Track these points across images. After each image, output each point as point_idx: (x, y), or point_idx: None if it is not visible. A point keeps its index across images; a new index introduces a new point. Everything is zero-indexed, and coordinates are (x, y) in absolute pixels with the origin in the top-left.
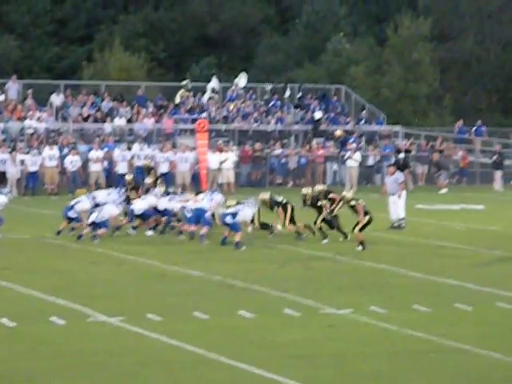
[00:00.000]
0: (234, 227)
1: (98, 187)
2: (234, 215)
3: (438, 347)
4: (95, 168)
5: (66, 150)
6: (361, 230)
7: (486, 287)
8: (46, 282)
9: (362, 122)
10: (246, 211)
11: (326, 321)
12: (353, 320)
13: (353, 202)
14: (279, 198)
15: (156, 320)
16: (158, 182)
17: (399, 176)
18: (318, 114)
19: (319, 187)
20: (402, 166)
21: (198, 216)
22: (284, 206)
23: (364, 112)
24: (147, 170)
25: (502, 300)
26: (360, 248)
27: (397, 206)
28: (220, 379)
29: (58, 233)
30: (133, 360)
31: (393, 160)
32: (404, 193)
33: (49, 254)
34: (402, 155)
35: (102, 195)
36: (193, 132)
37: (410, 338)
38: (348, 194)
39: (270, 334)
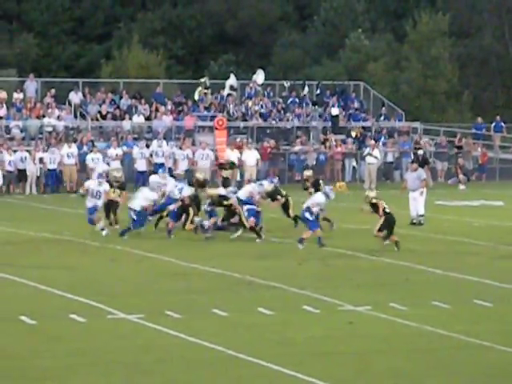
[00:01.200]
0: (310, 225)
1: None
2: (310, 211)
3: (457, 344)
4: (114, 165)
5: (85, 148)
6: (380, 230)
7: (505, 283)
8: (66, 280)
9: (382, 118)
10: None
11: (345, 318)
12: (372, 317)
13: (374, 201)
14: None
15: (175, 317)
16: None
17: (421, 173)
18: (334, 111)
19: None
20: (421, 163)
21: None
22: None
23: (384, 108)
24: (230, 166)
25: None
26: (396, 248)
27: (417, 203)
28: (239, 376)
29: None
30: (152, 357)
31: (412, 156)
32: (425, 190)
33: (68, 252)
34: (421, 151)
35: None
36: (211, 129)
37: (430, 334)
38: (371, 193)
39: (289, 331)
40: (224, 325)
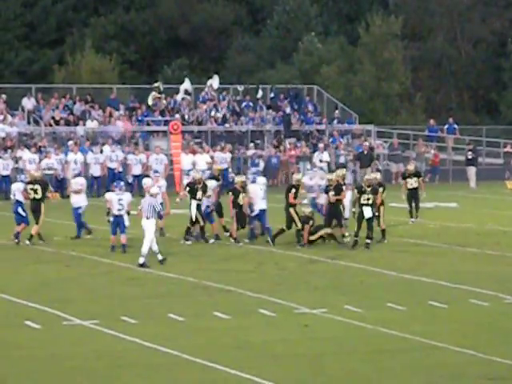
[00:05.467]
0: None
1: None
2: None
3: (412, 345)
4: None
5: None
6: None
7: (460, 285)
8: (21, 287)
9: (335, 121)
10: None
11: (300, 321)
12: (328, 319)
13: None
14: None
15: (131, 322)
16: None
17: (349, 178)
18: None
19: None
20: (366, 162)
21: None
22: None
23: (337, 112)
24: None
25: (475, 297)
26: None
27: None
28: (196, 381)
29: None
30: (108, 363)
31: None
32: (349, 193)
33: (23, 258)
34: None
35: None
36: (165, 134)
37: (385, 336)
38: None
39: (245, 334)
40: (180, 329)
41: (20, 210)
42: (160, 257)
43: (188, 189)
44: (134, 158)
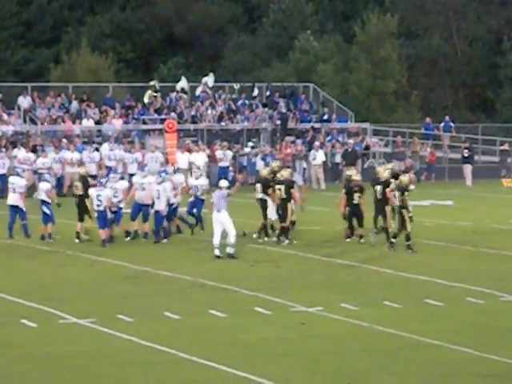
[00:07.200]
0: None
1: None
2: None
3: (409, 343)
4: (71, 170)
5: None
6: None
7: (456, 283)
8: (17, 285)
9: (325, 117)
10: None
11: (297, 319)
12: (324, 317)
13: None
14: None
15: (127, 321)
16: None
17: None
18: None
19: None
20: (350, 160)
21: None
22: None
23: (326, 109)
24: None
25: (472, 295)
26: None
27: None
28: (192, 379)
29: None
30: (105, 361)
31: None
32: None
33: (19, 257)
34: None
35: None
36: (161, 132)
37: (382, 334)
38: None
39: (241, 333)
40: (176, 327)
41: (45, 209)
42: (231, 250)
43: (259, 186)
44: (130, 156)
